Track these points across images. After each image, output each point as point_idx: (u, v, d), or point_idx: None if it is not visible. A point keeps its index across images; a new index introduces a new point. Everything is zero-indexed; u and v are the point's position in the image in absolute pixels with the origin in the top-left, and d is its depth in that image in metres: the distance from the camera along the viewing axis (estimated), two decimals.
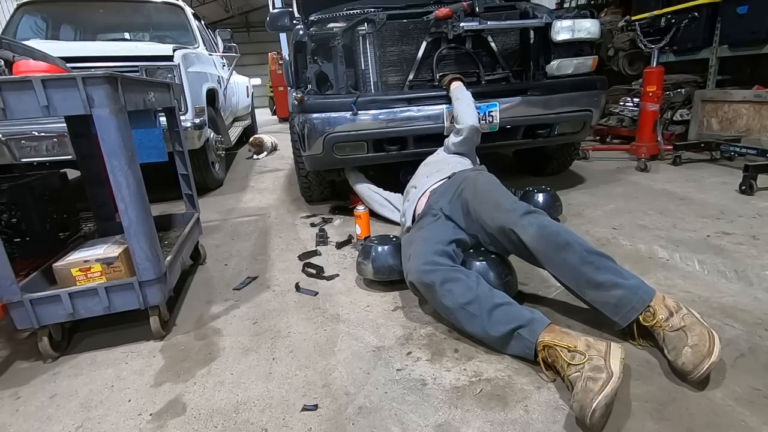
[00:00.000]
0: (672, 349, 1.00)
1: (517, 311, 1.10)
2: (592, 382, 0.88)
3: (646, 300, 1.06)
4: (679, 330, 1.00)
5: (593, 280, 1.11)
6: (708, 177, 2.68)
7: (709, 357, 0.93)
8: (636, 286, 1.08)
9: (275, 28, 2.46)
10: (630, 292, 1.07)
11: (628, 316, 1.07)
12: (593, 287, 1.11)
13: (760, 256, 1.57)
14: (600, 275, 1.10)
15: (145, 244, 1.25)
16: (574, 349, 0.97)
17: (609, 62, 4.31)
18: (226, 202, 3.04)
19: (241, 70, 5.70)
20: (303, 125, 2.12)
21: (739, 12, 3.14)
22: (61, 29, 3.55)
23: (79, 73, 1.09)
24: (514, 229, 1.23)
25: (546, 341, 1.02)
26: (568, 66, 2.23)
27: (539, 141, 2.36)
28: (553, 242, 1.16)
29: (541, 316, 1.08)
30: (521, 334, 1.06)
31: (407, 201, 1.80)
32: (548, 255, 1.17)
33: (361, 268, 1.58)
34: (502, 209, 1.32)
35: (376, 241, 1.59)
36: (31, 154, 2.45)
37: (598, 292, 1.11)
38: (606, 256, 1.14)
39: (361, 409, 0.99)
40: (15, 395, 1.14)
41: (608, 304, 1.10)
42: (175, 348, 1.31)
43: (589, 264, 1.12)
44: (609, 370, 0.90)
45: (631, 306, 1.07)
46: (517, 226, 1.23)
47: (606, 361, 0.92)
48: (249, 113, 6.22)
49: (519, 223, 1.23)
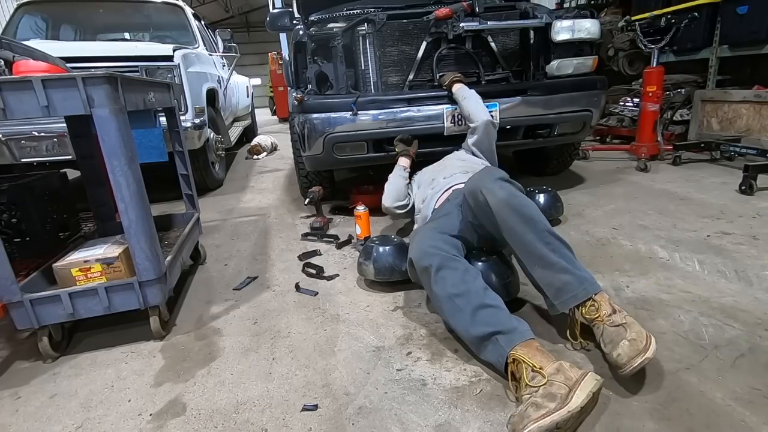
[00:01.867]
0: (609, 342, 1.01)
1: (503, 317, 1.06)
2: (534, 408, 0.84)
3: (590, 292, 1.08)
4: (619, 326, 1.01)
5: (545, 259, 1.11)
6: (708, 177, 2.68)
7: (644, 353, 0.94)
8: (584, 278, 1.10)
9: (275, 28, 2.46)
10: (577, 280, 1.09)
11: (568, 302, 1.09)
12: (543, 266, 1.12)
13: (760, 256, 1.57)
14: (553, 257, 1.11)
15: (145, 244, 1.25)
16: (539, 370, 0.92)
17: (609, 62, 4.32)
18: (226, 202, 3.04)
19: (241, 70, 5.70)
20: (303, 125, 2.12)
21: (739, 12, 3.14)
22: (61, 29, 3.55)
23: (79, 73, 1.09)
24: (483, 190, 1.20)
25: (517, 355, 0.97)
26: (568, 66, 2.23)
27: (539, 141, 2.36)
28: (518, 212, 1.14)
29: (525, 329, 1.03)
30: (498, 340, 1.02)
31: (431, 188, 1.72)
32: (509, 223, 1.15)
33: (362, 269, 1.57)
34: (480, 173, 1.30)
35: (378, 241, 1.58)
36: (31, 154, 2.45)
37: (546, 271, 1.12)
38: (565, 244, 1.14)
39: (361, 409, 0.99)
40: (15, 395, 1.14)
41: (552, 286, 1.11)
42: (175, 348, 1.31)
43: (547, 244, 1.12)
44: (564, 399, 0.85)
45: (573, 294, 1.09)
46: (486, 188, 1.19)
47: (570, 390, 0.87)
48: (249, 113, 6.22)
49: (489, 186, 1.20)
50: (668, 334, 1.17)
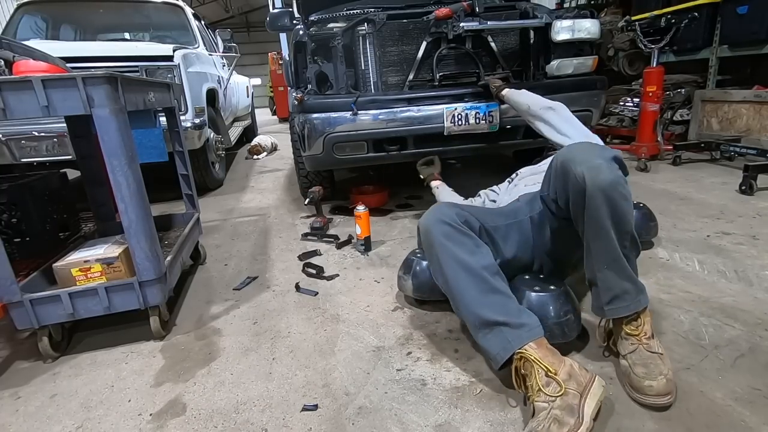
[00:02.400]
0: (642, 366, 0.97)
1: (513, 308, 1.01)
2: (557, 425, 0.81)
3: (642, 305, 1.02)
4: (655, 354, 0.98)
5: (618, 262, 1.00)
6: (708, 177, 2.68)
7: (671, 396, 0.92)
8: (641, 290, 1.04)
9: (275, 28, 2.46)
10: (636, 291, 1.02)
11: (619, 311, 1.02)
12: (613, 269, 1.01)
13: (760, 256, 1.57)
14: (624, 262, 1.01)
15: (145, 244, 1.25)
16: (554, 375, 0.89)
17: (609, 62, 4.31)
18: (226, 202, 3.04)
19: (241, 70, 5.70)
20: (303, 125, 2.12)
21: (739, 12, 3.14)
22: (61, 29, 3.55)
23: (79, 73, 1.09)
24: (586, 165, 0.98)
25: (528, 354, 0.93)
26: (568, 66, 2.23)
27: (539, 141, 2.35)
28: (615, 206, 0.96)
29: (535, 325, 0.99)
30: (504, 332, 0.97)
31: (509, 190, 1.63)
32: (599, 212, 0.97)
33: (401, 284, 1.42)
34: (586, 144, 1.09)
35: (420, 254, 1.40)
36: (31, 154, 2.45)
37: (612, 274, 1.01)
38: (637, 250, 1.05)
39: (361, 409, 0.99)
40: (15, 395, 1.14)
41: (611, 291, 1.02)
42: (175, 348, 1.31)
43: (624, 247, 1.01)
44: (581, 414, 0.83)
45: (627, 304, 1.02)
46: (591, 164, 0.98)
47: (581, 401, 0.85)
48: (249, 113, 6.22)
49: (596, 162, 0.98)
50: (668, 334, 1.17)
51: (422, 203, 2.59)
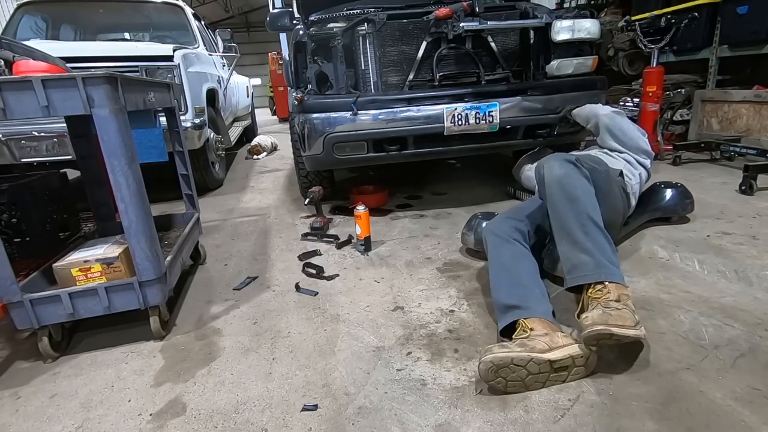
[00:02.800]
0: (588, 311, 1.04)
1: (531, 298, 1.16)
2: (500, 347, 1.00)
3: (602, 277, 1.11)
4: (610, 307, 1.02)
5: (573, 236, 1.17)
6: (708, 177, 2.67)
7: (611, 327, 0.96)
8: (603, 264, 1.12)
9: (275, 28, 2.46)
10: (594, 263, 1.13)
11: (577, 280, 1.14)
12: (569, 242, 1.18)
13: (760, 256, 1.57)
14: (581, 236, 1.16)
15: (145, 244, 1.25)
16: (529, 329, 1.06)
17: (609, 62, 4.31)
18: (226, 202, 3.04)
19: (241, 70, 5.70)
20: (303, 125, 2.12)
21: (739, 12, 3.14)
22: (61, 29, 3.55)
23: (79, 73, 1.09)
24: (545, 165, 1.29)
25: (522, 321, 1.09)
26: (568, 66, 2.23)
27: (539, 141, 2.36)
28: (565, 190, 1.21)
29: (541, 310, 1.12)
30: (514, 312, 1.14)
31: None
32: (554, 198, 1.23)
33: (464, 239, 1.76)
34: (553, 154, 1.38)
35: (481, 216, 1.76)
36: (31, 154, 2.45)
37: (569, 247, 1.18)
38: (602, 232, 1.18)
39: (361, 409, 0.99)
40: (15, 395, 1.14)
41: (569, 261, 1.17)
42: (175, 348, 1.31)
43: (581, 225, 1.17)
44: (534, 350, 0.98)
45: (584, 273, 1.13)
46: (548, 165, 1.28)
47: (550, 349, 0.99)
48: (249, 113, 6.22)
49: (551, 163, 1.28)
50: (668, 334, 1.17)
51: (422, 203, 2.59)
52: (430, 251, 1.88)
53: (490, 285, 1.29)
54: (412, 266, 1.74)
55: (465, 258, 1.78)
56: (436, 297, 1.48)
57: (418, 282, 1.60)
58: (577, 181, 1.23)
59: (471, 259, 1.76)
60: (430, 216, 2.34)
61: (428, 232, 2.12)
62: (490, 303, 1.40)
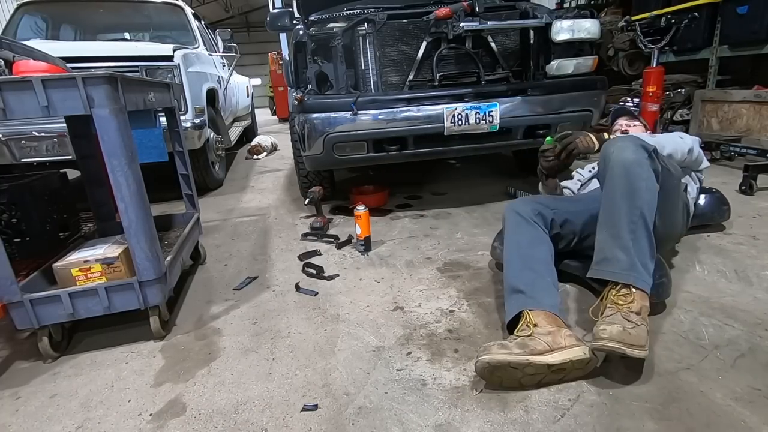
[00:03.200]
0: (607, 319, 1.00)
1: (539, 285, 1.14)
2: (499, 347, 0.98)
3: (630, 281, 1.04)
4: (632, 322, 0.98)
5: (618, 231, 1.08)
6: (708, 177, 2.67)
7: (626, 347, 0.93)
8: (636, 268, 1.05)
9: (275, 28, 2.46)
10: (628, 265, 1.05)
11: (603, 273, 1.09)
12: (611, 234, 1.09)
13: (760, 256, 1.57)
14: (626, 234, 1.06)
15: (145, 244, 1.25)
16: (532, 326, 1.03)
17: (609, 62, 4.32)
18: (226, 202, 3.04)
19: (241, 70, 5.69)
20: (303, 125, 2.12)
21: (739, 12, 3.14)
22: (61, 29, 3.55)
23: (79, 73, 1.09)
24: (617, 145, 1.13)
25: (526, 313, 1.07)
26: (568, 66, 2.23)
27: (539, 141, 2.36)
28: (629, 179, 1.08)
29: (548, 303, 1.10)
30: (520, 298, 1.12)
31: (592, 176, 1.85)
32: (614, 183, 1.10)
33: (494, 252, 1.64)
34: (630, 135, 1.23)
35: None
36: (31, 154, 2.45)
37: (609, 239, 1.09)
38: (649, 237, 1.08)
39: (361, 409, 0.99)
40: (15, 395, 1.14)
41: (602, 252, 1.10)
42: (175, 348, 1.31)
43: (631, 222, 1.07)
44: (534, 353, 0.95)
45: (613, 270, 1.07)
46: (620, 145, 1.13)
47: (551, 350, 0.97)
48: (249, 113, 6.22)
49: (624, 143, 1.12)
50: (668, 334, 1.17)
51: (422, 203, 2.59)
52: (430, 251, 1.88)
53: (504, 259, 1.27)
54: (412, 266, 1.74)
55: (465, 258, 1.78)
56: (436, 297, 1.48)
57: (418, 282, 1.60)
58: (645, 173, 1.09)
59: (471, 260, 1.76)
60: (430, 216, 2.34)
61: (428, 232, 2.12)
62: (491, 303, 1.40)
